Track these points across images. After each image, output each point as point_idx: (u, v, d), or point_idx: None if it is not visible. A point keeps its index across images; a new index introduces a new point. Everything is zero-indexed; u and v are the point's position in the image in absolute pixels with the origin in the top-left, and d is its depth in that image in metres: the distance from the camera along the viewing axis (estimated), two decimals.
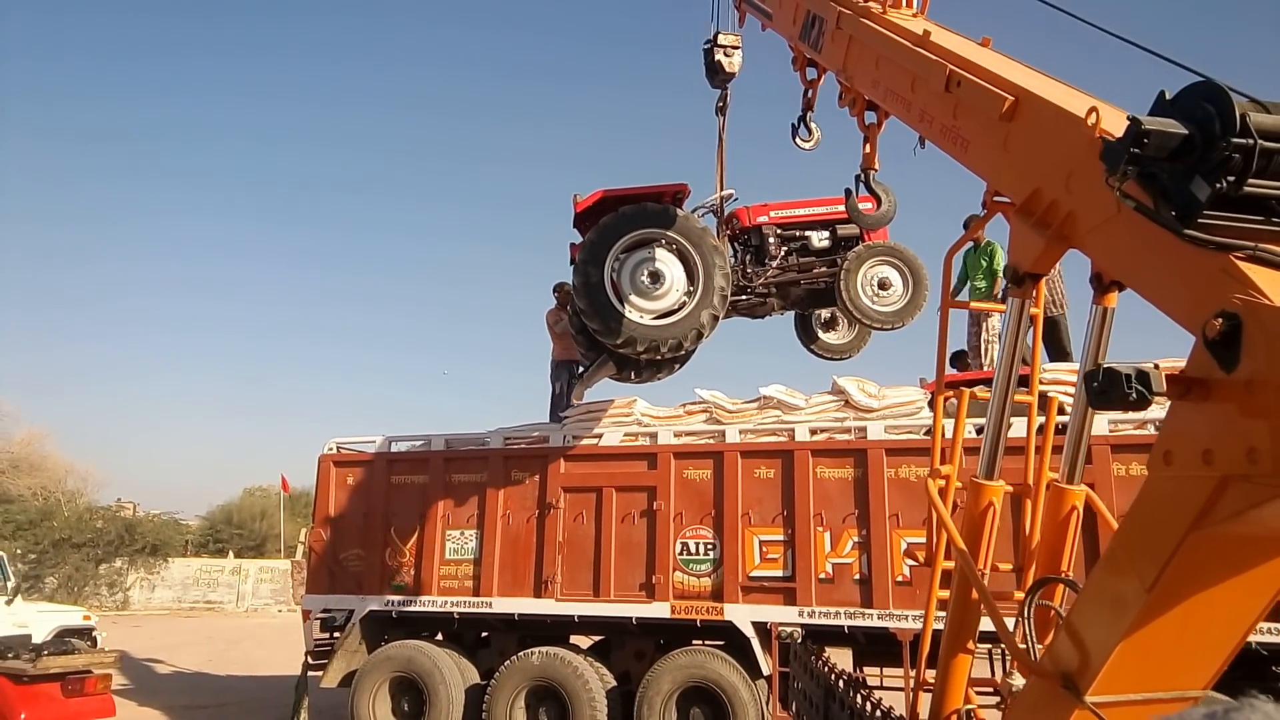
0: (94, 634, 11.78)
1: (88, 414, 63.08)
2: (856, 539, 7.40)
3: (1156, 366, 2.09)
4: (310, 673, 8.72)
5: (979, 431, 6.41)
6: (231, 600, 27.85)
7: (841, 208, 5.43)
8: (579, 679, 7.71)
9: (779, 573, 7.59)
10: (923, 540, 4.78)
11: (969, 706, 3.18)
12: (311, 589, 8.96)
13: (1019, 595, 3.01)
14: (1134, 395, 2.03)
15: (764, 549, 7.70)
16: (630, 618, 7.87)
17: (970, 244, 8.69)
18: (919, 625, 4.84)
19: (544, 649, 7.95)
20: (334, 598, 8.81)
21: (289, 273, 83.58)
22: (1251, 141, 2.04)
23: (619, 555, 8.02)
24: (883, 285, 7.90)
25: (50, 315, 63.54)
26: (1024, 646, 2.74)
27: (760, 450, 7.91)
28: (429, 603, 8.44)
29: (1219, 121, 2.09)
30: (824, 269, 8.28)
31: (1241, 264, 2.10)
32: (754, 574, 7.65)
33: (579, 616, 8.04)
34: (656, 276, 7.53)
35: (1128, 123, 2.17)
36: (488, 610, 8.26)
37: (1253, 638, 6.29)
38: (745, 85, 8.25)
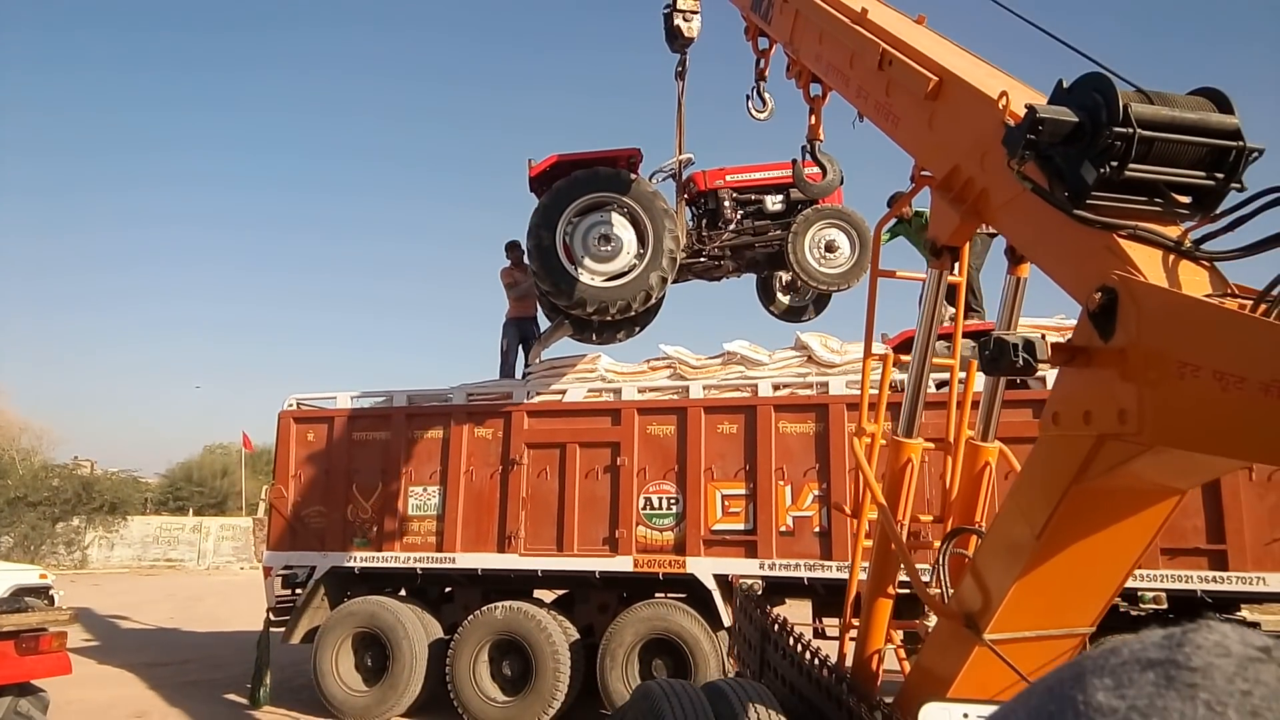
0: (51, 592, 11.99)
1: (44, 374, 62.93)
2: (817, 492, 7.77)
3: (1043, 337, 2.38)
4: (272, 629, 9.01)
5: (940, 387, 6.79)
6: (193, 558, 28.18)
7: (801, 154, 5.66)
8: (542, 632, 8.08)
9: (740, 526, 7.97)
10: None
11: (890, 646, 3.54)
12: (273, 546, 9.22)
13: (937, 545, 3.34)
14: (1020, 362, 2.33)
15: (726, 503, 8.06)
16: (594, 572, 8.22)
17: (898, 218, 8.88)
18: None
19: (507, 603, 8.31)
20: (296, 554, 9.09)
21: (252, 238, 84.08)
22: (1131, 130, 2.31)
23: (582, 510, 8.36)
24: (830, 248, 8.32)
25: (9, 285, 62.95)
26: (936, 592, 3.07)
27: (723, 406, 8.23)
28: (392, 558, 8.74)
29: (1105, 110, 2.35)
30: (778, 232, 8.63)
31: (1124, 242, 2.39)
32: (716, 528, 8.01)
33: (542, 571, 8.39)
34: (607, 239, 8.03)
35: (1025, 110, 2.43)
36: (451, 566, 8.58)
37: (1196, 586, 6.86)
38: (709, 49, 8.50)
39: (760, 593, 7.42)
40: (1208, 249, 2.40)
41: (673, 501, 8.17)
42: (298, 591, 9.14)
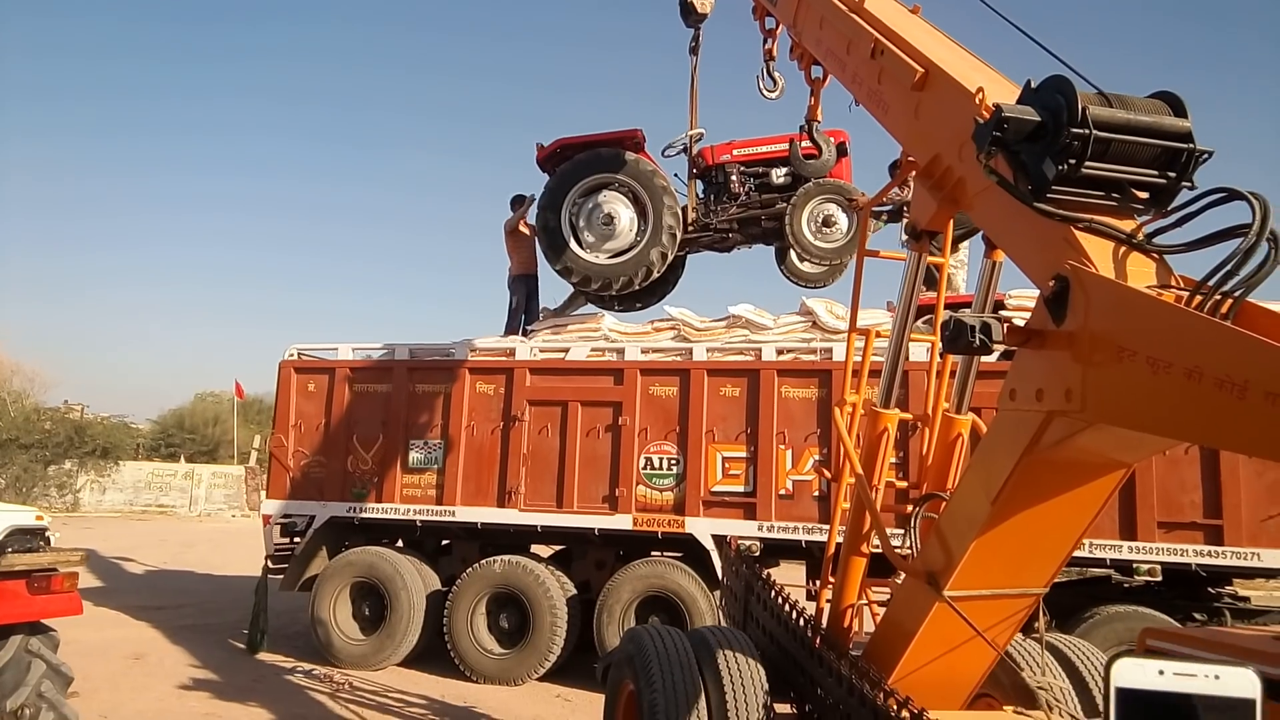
0: (47, 534, 12.54)
1: (35, 316, 63.92)
2: (818, 457, 8.17)
3: (1000, 320, 2.73)
4: (270, 576, 9.53)
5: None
6: (184, 504, 29.01)
7: (800, 134, 6.04)
8: (540, 587, 8.56)
9: (740, 488, 8.39)
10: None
11: (862, 601, 3.95)
12: (273, 494, 9.70)
13: (909, 509, 3.73)
14: (978, 343, 2.68)
15: (726, 465, 8.48)
16: (593, 529, 8.68)
17: None
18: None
19: (506, 557, 8.78)
20: (295, 503, 9.57)
21: (250, 184, 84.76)
22: (1088, 131, 2.63)
23: (583, 468, 8.78)
24: (827, 222, 8.81)
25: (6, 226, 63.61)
26: (906, 553, 3.46)
27: (727, 369, 8.60)
28: (391, 510, 9.21)
29: (1066, 111, 2.66)
30: (784, 205, 9.05)
31: (1080, 234, 2.72)
32: (716, 489, 8.44)
33: (541, 527, 8.85)
34: (610, 218, 8.95)
35: (993, 108, 2.75)
36: (451, 519, 9.05)
37: (1191, 560, 7.28)
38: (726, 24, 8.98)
39: (757, 554, 7.89)
40: (1158, 243, 2.73)
41: (673, 462, 8.58)
42: (296, 540, 9.62)
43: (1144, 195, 2.82)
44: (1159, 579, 7.43)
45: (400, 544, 9.64)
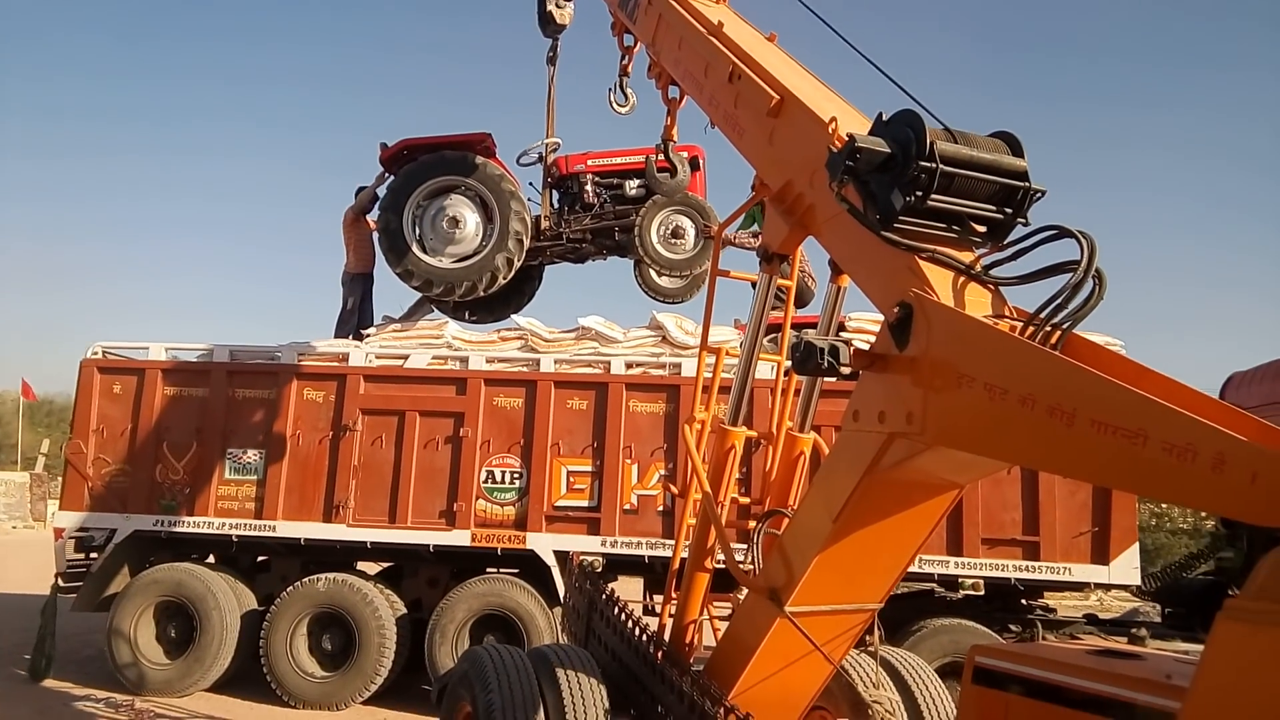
0: None
1: None
2: (663, 472, 8.33)
3: (848, 343, 2.88)
4: (61, 595, 8.80)
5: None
6: None
7: (655, 152, 6.22)
8: (368, 606, 8.29)
9: (585, 503, 8.44)
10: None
11: (704, 616, 4.07)
12: (67, 505, 8.95)
13: (752, 525, 3.87)
14: (825, 365, 2.82)
15: (571, 479, 8.51)
16: (428, 545, 8.49)
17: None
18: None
19: (331, 575, 8.46)
20: (94, 515, 8.87)
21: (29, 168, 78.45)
22: (935, 165, 2.83)
23: (419, 481, 8.58)
24: (676, 234, 9.10)
25: None
26: (749, 568, 3.59)
27: (575, 381, 8.64)
28: (205, 524, 8.69)
29: (915, 145, 2.86)
30: (637, 216, 9.24)
31: (923, 263, 2.91)
32: (559, 503, 8.45)
33: (371, 543, 8.58)
34: (454, 222, 8.98)
35: (846, 138, 2.91)
36: (271, 534, 8.63)
37: (1011, 575, 7.84)
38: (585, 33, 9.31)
39: (600, 570, 7.95)
40: (995, 274, 2.96)
41: (516, 475, 8.53)
42: (93, 556, 8.94)
43: (982, 229, 3.05)
44: (981, 593, 8.01)
45: (212, 560, 9.12)
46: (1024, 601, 8.43)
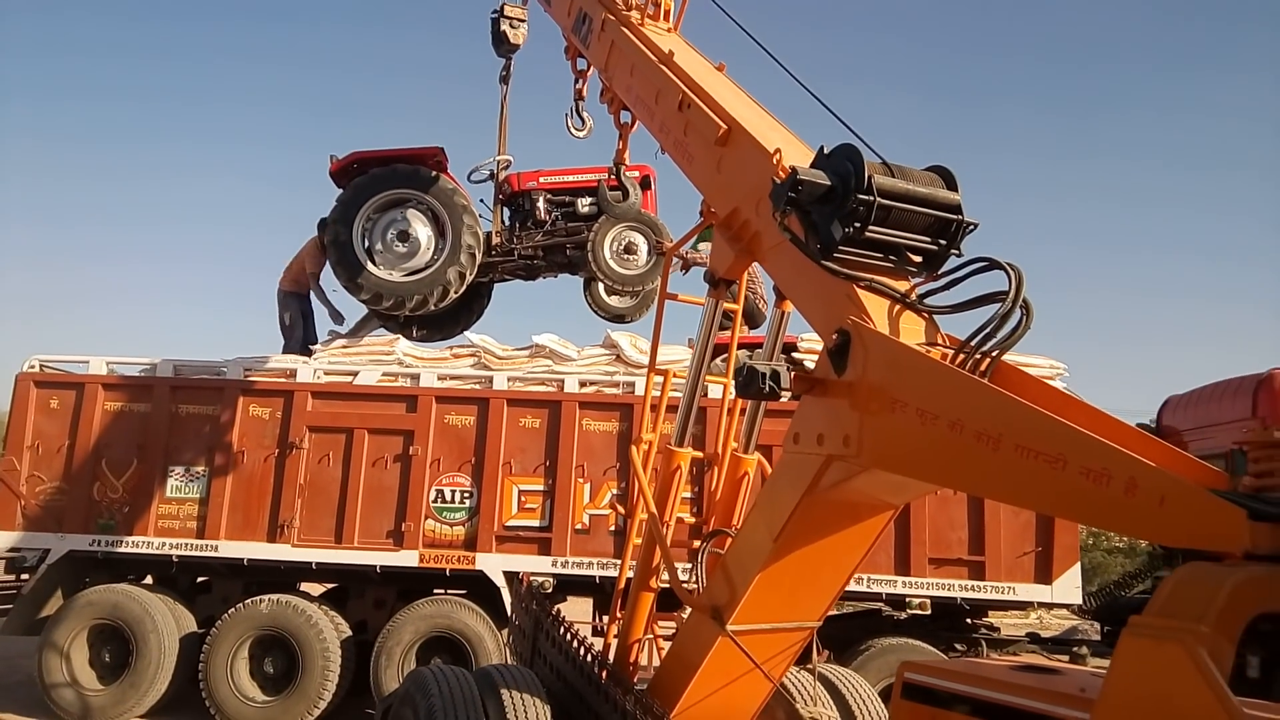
0: None
1: None
2: (616, 491, 8.40)
3: (789, 368, 3.02)
4: None
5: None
6: None
7: (607, 175, 6.38)
8: (312, 628, 8.23)
9: (536, 522, 8.48)
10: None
11: (649, 636, 4.17)
12: None
13: (696, 544, 3.99)
14: (767, 389, 2.95)
15: (523, 498, 8.54)
16: (375, 566, 8.46)
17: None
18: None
19: (274, 596, 8.39)
20: (26, 535, 8.71)
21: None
22: (873, 198, 2.98)
23: (366, 501, 8.56)
24: (629, 250, 9.32)
25: None
26: (693, 588, 3.70)
27: (528, 399, 8.69)
28: (144, 544, 8.57)
29: (855, 178, 3.01)
30: (589, 234, 9.44)
31: (861, 292, 3.06)
32: (510, 523, 8.48)
33: (317, 564, 8.52)
34: (405, 236, 9.14)
35: (790, 170, 3.05)
36: (213, 554, 8.54)
37: (957, 594, 8.03)
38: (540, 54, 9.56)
39: (550, 590, 8.00)
40: (929, 303, 3.12)
41: (466, 495, 8.54)
42: (24, 577, 8.77)
43: (918, 259, 3.21)
44: (928, 612, 8.19)
45: (150, 581, 8.99)
46: (969, 620, 8.63)
